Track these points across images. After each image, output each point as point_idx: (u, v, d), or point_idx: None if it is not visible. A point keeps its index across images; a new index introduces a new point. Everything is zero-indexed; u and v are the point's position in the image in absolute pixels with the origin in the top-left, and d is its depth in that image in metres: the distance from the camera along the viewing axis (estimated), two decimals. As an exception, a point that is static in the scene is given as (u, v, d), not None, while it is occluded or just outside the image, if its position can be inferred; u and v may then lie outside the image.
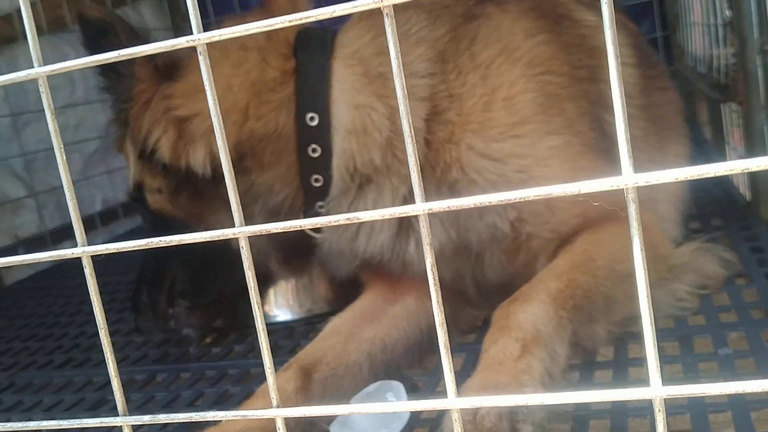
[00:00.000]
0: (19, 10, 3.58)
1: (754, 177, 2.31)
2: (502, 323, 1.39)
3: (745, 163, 0.65)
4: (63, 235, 3.47)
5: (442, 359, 0.73)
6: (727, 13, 2.38)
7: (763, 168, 0.66)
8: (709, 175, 0.66)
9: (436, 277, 0.74)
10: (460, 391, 1.33)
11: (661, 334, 1.59)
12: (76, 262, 0.83)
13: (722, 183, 2.57)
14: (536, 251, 1.64)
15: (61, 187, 0.81)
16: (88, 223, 3.64)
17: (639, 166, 0.65)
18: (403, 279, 1.75)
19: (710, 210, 2.33)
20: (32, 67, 0.84)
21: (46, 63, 0.83)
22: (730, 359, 1.44)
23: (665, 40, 3.71)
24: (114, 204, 3.83)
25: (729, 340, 1.53)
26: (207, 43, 0.74)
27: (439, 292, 0.74)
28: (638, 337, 1.61)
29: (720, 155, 3.04)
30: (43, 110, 0.83)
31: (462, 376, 1.59)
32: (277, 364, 1.85)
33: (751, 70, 2.19)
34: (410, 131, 0.72)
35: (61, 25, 3.69)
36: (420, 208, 0.73)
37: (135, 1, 4.17)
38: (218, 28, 0.78)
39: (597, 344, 1.51)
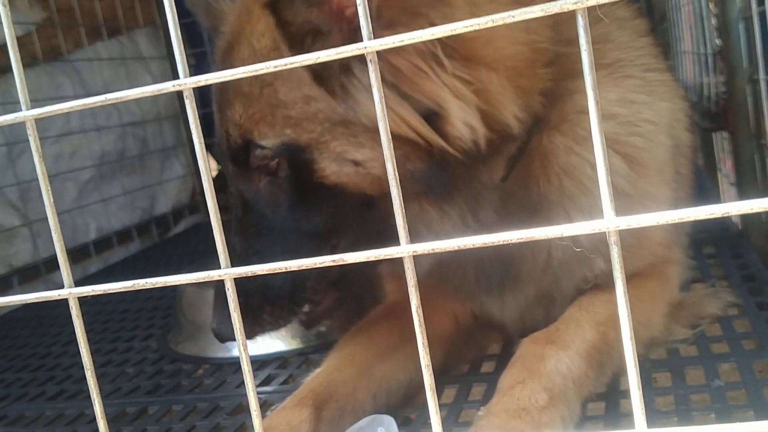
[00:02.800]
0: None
1: (745, 205, 2.32)
2: (532, 365, 1.39)
3: (723, 208, 0.66)
4: (57, 264, 3.44)
5: (428, 402, 0.73)
6: (717, 42, 2.41)
7: (742, 212, 0.67)
8: (690, 219, 0.67)
9: (422, 319, 0.74)
10: (476, 425, 1.34)
11: (653, 365, 1.61)
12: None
13: (715, 211, 2.57)
14: (603, 286, 1.64)
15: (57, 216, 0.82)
16: (83, 252, 3.64)
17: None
18: (437, 311, 1.75)
19: (703, 238, 2.33)
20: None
21: (41, 92, 0.83)
22: (721, 391, 1.44)
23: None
24: (108, 232, 3.84)
25: (721, 371, 1.53)
26: (193, 87, 0.75)
27: (425, 334, 0.74)
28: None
29: (712, 182, 3.06)
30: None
31: (454, 408, 1.60)
32: (272, 395, 1.87)
33: (740, 100, 2.22)
34: (394, 174, 0.73)
35: (56, 55, 3.73)
36: (405, 250, 0.73)
37: (131, 30, 4.21)
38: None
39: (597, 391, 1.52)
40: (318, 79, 1.35)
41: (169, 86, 0.74)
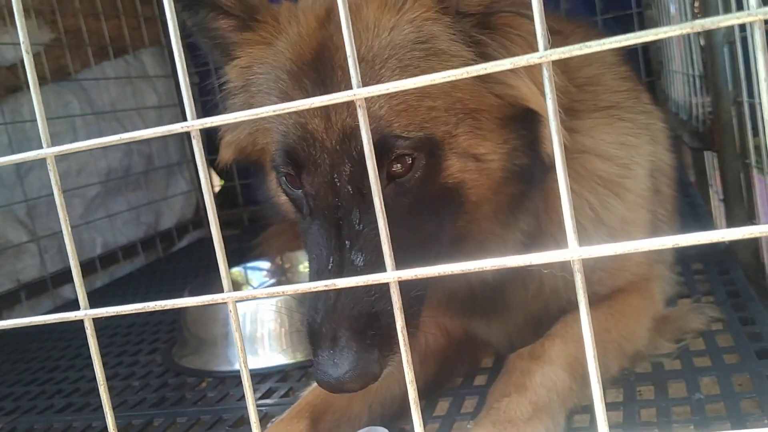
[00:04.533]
0: (23, 60, 3.68)
1: (733, 222, 2.40)
2: (518, 380, 1.47)
3: (692, 237, 0.73)
4: (64, 279, 3.54)
5: (413, 415, 0.81)
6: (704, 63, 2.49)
7: (711, 241, 0.74)
8: (655, 248, 0.74)
9: (407, 339, 0.81)
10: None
11: (638, 379, 1.68)
12: (77, 305, 0.91)
13: (704, 227, 2.64)
14: (591, 295, 1.71)
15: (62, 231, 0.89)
16: (88, 267, 3.72)
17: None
18: (430, 326, 1.81)
19: (691, 254, 2.40)
20: (35, 114, 0.91)
21: (49, 111, 0.91)
22: (701, 404, 1.51)
23: (650, 86, 3.80)
24: (114, 247, 3.92)
25: (702, 384, 1.59)
26: (200, 129, 0.83)
27: (410, 353, 0.81)
28: (617, 381, 1.68)
29: (704, 198, 3.13)
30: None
31: (447, 420, 1.66)
32: (273, 407, 1.94)
33: (726, 120, 2.29)
34: (380, 204, 0.80)
35: (64, 74, 3.82)
36: (390, 276, 0.81)
37: (136, 49, 4.30)
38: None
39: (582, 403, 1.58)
40: (483, 58, 1.35)
41: (177, 128, 0.82)
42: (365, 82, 1.35)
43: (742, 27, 2.08)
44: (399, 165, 1.34)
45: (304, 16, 1.48)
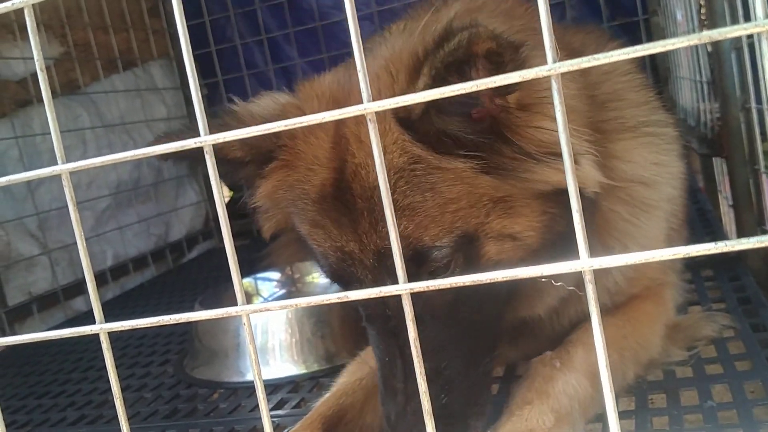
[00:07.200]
0: (33, 74, 3.73)
1: (742, 228, 2.39)
2: (540, 386, 1.47)
3: (686, 249, 0.74)
4: (75, 291, 3.56)
5: (426, 426, 0.81)
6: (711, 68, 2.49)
7: (704, 252, 0.75)
8: (666, 258, 0.75)
9: (419, 350, 0.82)
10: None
11: (650, 387, 1.68)
12: (90, 317, 0.91)
13: (713, 233, 2.64)
14: (610, 305, 1.76)
15: (73, 243, 0.90)
16: (99, 279, 3.73)
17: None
18: None
19: (701, 261, 2.39)
20: (45, 128, 0.93)
21: (60, 124, 0.90)
22: (713, 411, 1.51)
23: (658, 92, 3.79)
24: (124, 259, 3.94)
25: (714, 392, 1.59)
26: (213, 144, 0.83)
27: (422, 364, 0.82)
28: (630, 389, 1.68)
29: (713, 204, 3.13)
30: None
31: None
32: (284, 418, 1.94)
33: (734, 127, 2.29)
34: (393, 221, 0.81)
35: (74, 87, 3.86)
36: (403, 288, 0.81)
37: (145, 62, 4.33)
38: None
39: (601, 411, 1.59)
40: (484, 170, 1.37)
41: (191, 143, 0.83)
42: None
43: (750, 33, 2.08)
44: (440, 267, 1.38)
45: (316, 138, 1.46)
